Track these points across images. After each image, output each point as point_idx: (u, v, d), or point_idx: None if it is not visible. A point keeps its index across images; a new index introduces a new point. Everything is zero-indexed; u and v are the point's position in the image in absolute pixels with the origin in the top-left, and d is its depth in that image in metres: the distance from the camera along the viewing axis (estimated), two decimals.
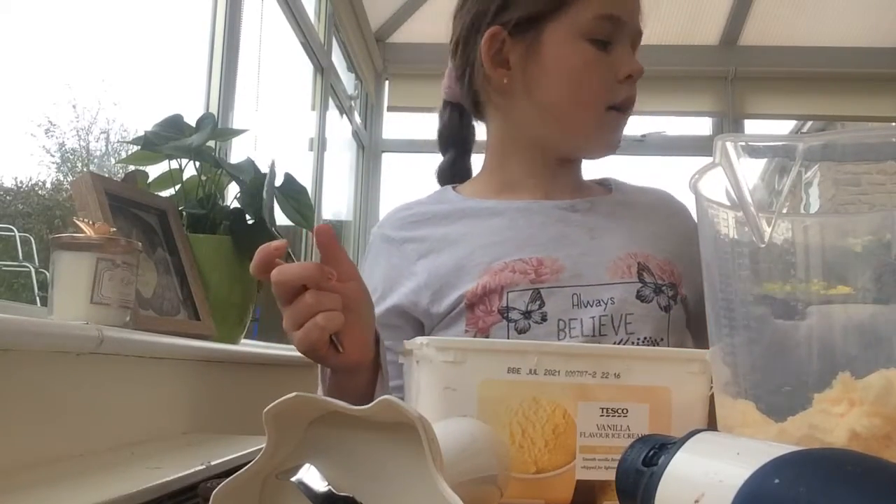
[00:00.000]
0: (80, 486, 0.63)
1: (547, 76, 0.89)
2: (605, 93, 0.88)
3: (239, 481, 0.40)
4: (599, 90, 0.88)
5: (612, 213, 0.95)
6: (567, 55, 0.88)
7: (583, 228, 0.91)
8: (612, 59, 0.88)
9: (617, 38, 0.88)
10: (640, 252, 0.89)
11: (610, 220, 0.93)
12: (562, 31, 0.87)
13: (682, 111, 3.76)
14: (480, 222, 0.92)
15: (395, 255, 0.92)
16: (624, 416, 0.58)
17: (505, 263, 0.86)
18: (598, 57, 0.87)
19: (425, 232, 0.92)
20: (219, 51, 1.81)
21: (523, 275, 0.85)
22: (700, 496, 0.36)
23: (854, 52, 3.46)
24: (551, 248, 0.88)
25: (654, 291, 0.86)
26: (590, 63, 0.87)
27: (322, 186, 2.72)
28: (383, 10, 3.38)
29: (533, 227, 0.90)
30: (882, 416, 0.40)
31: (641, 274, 0.87)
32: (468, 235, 0.90)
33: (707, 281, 0.52)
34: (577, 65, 0.88)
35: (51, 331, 0.74)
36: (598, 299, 0.85)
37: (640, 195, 1.01)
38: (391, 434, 0.40)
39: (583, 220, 0.92)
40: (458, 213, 0.94)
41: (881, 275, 0.42)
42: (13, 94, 1.31)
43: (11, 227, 1.59)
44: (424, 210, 0.95)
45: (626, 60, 0.88)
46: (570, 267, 0.86)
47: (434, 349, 0.57)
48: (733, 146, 0.46)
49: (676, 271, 0.90)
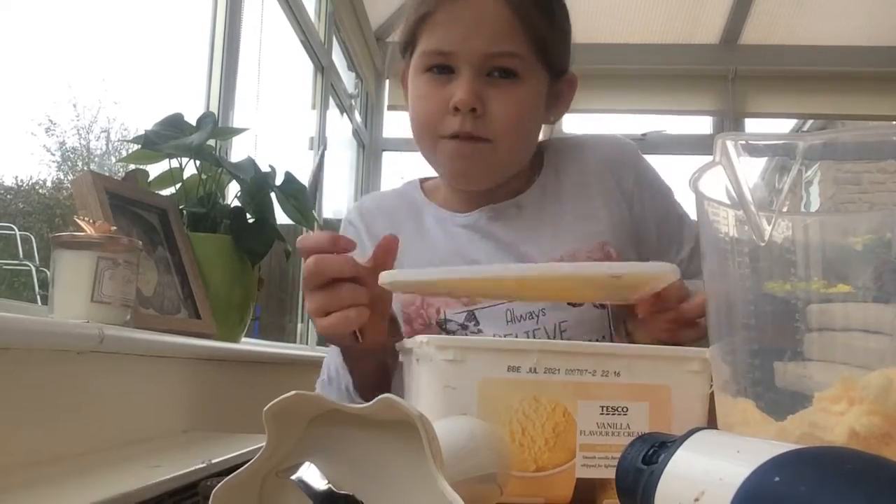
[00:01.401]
0: (80, 485, 0.63)
1: (409, 107, 0.92)
2: (438, 123, 0.86)
3: (239, 479, 0.40)
4: (432, 121, 0.87)
5: (538, 211, 0.92)
6: (412, 88, 0.91)
7: (508, 239, 0.90)
8: (447, 91, 0.85)
9: (457, 67, 0.85)
10: (566, 250, 0.88)
11: (535, 220, 0.91)
12: (413, 65, 0.90)
13: (682, 110, 3.76)
14: (424, 237, 0.93)
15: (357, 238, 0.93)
16: (624, 414, 0.59)
17: None
18: (431, 88, 0.87)
19: (380, 227, 0.93)
20: (219, 50, 1.81)
21: (456, 298, 0.87)
22: (700, 494, 0.36)
23: (854, 52, 3.46)
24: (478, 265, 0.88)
25: None
26: (423, 96, 0.88)
27: (322, 185, 2.72)
28: (383, 10, 3.38)
29: (471, 243, 0.91)
30: (881, 415, 0.40)
31: None
32: (410, 249, 0.88)
33: (707, 279, 0.52)
34: (415, 97, 0.90)
35: (51, 329, 0.74)
36: (530, 312, 0.85)
37: (573, 160, 0.96)
38: (391, 432, 0.40)
39: (507, 229, 0.91)
40: (413, 217, 0.95)
41: (881, 273, 0.42)
42: (14, 93, 1.31)
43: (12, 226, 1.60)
44: (388, 205, 0.98)
45: (454, 91, 0.84)
46: None
47: (434, 347, 0.57)
48: (733, 145, 0.46)
49: (612, 251, 0.88)
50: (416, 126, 0.90)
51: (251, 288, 1.30)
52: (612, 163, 0.94)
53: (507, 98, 0.85)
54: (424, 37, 0.87)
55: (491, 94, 0.84)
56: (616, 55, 3.45)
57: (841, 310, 0.43)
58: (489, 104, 0.84)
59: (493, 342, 0.62)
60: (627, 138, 1.03)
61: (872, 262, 0.43)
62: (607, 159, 0.95)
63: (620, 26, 3.40)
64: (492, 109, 0.84)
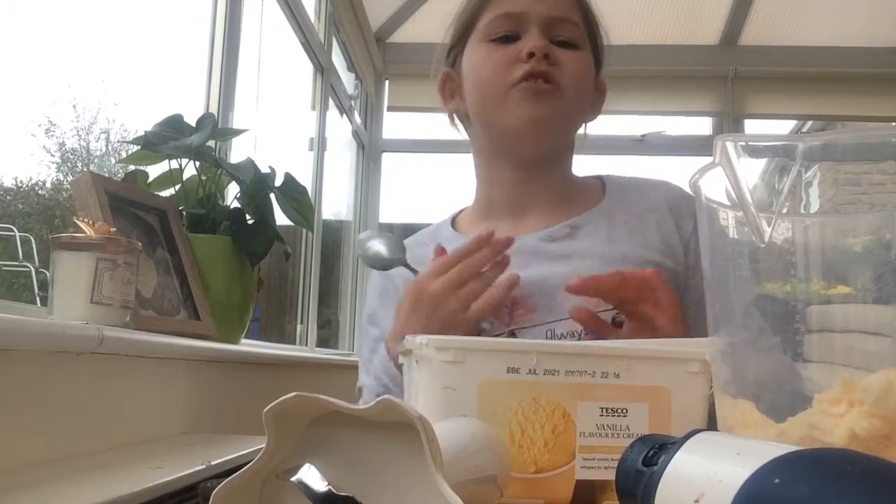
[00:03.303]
0: (80, 486, 0.63)
1: (467, 87, 0.95)
2: (505, 76, 0.89)
3: (239, 481, 0.40)
4: (498, 76, 0.90)
5: (594, 232, 0.93)
6: (471, 60, 0.94)
7: (559, 258, 0.91)
8: (516, 47, 0.90)
9: (523, 29, 0.90)
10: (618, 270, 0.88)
11: (590, 240, 0.92)
12: (471, 44, 0.94)
13: (682, 111, 3.76)
14: None
15: (391, 287, 0.98)
16: (623, 415, 0.58)
17: None
18: (496, 49, 0.91)
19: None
20: (219, 51, 1.81)
21: (499, 320, 0.87)
22: (700, 496, 0.36)
23: (854, 52, 3.46)
24: (526, 287, 0.88)
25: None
26: (486, 57, 0.91)
27: (322, 186, 2.72)
28: (383, 10, 3.38)
29: (511, 267, 0.90)
30: (882, 417, 0.40)
31: None
32: None
33: (707, 280, 0.52)
34: (477, 63, 0.93)
35: (51, 330, 0.74)
36: (573, 331, 0.85)
37: (634, 195, 0.98)
38: (391, 434, 0.40)
39: (560, 248, 0.92)
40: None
41: (881, 274, 0.42)
42: (13, 94, 1.31)
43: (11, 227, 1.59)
44: (420, 253, 0.99)
45: (527, 43, 0.89)
46: (543, 304, 0.87)
47: (434, 349, 0.57)
48: (733, 146, 0.46)
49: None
50: (480, 83, 0.93)
51: (251, 289, 1.30)
52: (676, 208, 0.95)
53: (572, 56, 0.91)
54: (488, 11, 0.92)
55: (558, 52, 0.90)
56: (616, 55, 3.44)
57: (841, 311, 0.43)
58: (558, 57, 0.90)
59: (493, 343, 0.62)
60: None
61: (872, 263, 0.43)
62: (671, 203, 0.96)
63: (620, 27, 3.39)
64: (561, 61, 0.90)
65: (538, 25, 0.90)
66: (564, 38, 0.91)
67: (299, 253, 2.61)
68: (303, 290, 2.62)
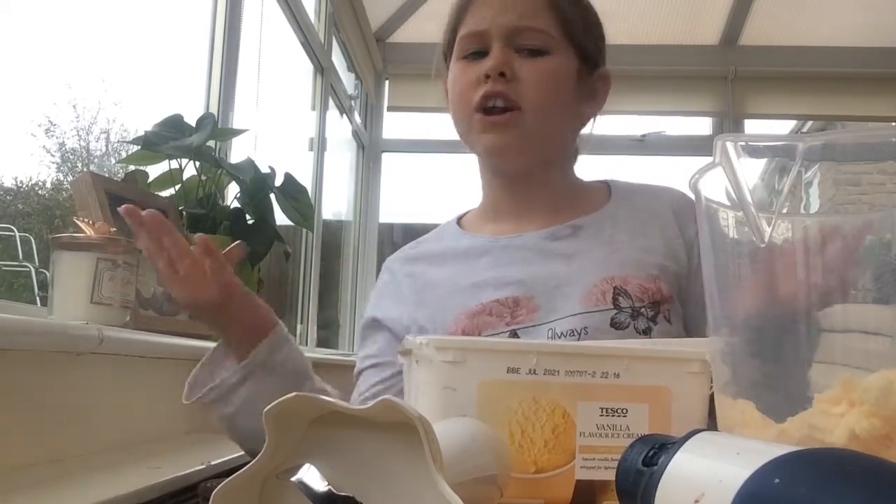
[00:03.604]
0: (80, 486, 0.63)
1: (449, 104, 0.96)
2: (470, 98, 0.90)
3: (239, 481, 0.40)
4: (464, 98, 0.91)
5: (597, 233, 0.93)
6: (450, 78, 0.95)
7: (561, 257, 0.91)
8: (480, 66, 0.90)
9: (489, 45, 0.90)
10: (619, 275, 0.88)
11: (593, 241, 0.92)
12: (451, 60, 0.95)
13: (682, 111, 3.77)
14: (466, 264, 0.95)
15: (393, 285, 0.99)
16: (623, 415, 0.58)
17: (482, 306, 0.88)
18: (466, 67, 0.92)
19: (420, 269, 0.98)
20: (219, 51, 1.81)
21: (499, 318, 0.87)
22: (700, 496, 0.36)
23: (854, 52, 3.46)
24: (528, 286, 0.89)
25: (632, 316, 0.85)
26: (459, 76, 0.93)
27: (322, 186, 2.72)
28: (383, 10, 3.38)
29: (514, 263, 0.92)
30: (882, 417, 0.40)
31: (617, 299, 0.86)
32: (453, 278, 0.94)
33: (707, 280, 0.52)
34: (451, 83, 0.95)
35: (51, 331, 0.74)
36: (573, 329, 0.85)
37: (639, 200, 0.98)
38: (391, 434, 0.40)
39: (562, 247, 0.92)
40: (450, 253, 0.98)
41: (881, 274, 0.42)
42: (13, 94, 1.31)
43: (11, 227, 1.59)
44: (425, 248, 1.01)
45: (486, 63, 0.89)
46: (544, 304, 0.87)
47: (433, 349, 0.57)
48: (733, 146, 0.46)
49: (663, 287, 0.88)
50: (453, 108, 0.94)
51: (251, 289, 1.30)
52: (680, 213, 0.95)
53: (535, 66, 0.89)
54: (461, 28, 0.93)
55: (520, 64, 0.89)
56: (616, 56, 3.44)
57: (841, 311, 0.43)
58: (518, 71, 0.89)
59: (493, 343, 0.62)
60: None
61: (872, 263, 0.43)
62: (676, 208, 0.96)
63: (620, 27, 3.40)
64: (520, 75, 0.89)
65: (500, 40, 0.89)
66: (530, 46, 0.90)
67: (299, 253, 2.61)
68: (303, 290, 2.62)
